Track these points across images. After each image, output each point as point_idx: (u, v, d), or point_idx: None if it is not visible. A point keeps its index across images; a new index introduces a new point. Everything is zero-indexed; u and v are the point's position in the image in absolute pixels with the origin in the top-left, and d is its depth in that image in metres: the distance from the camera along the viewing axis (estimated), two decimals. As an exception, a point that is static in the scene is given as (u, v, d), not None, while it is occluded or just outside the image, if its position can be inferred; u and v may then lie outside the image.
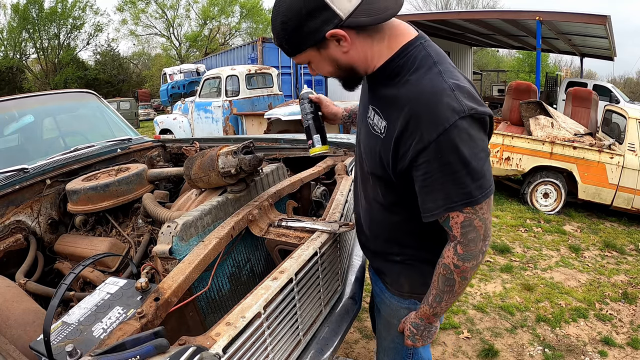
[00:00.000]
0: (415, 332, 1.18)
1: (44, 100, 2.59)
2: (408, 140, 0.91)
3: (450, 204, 0.91)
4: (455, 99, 0.87)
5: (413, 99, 0.90)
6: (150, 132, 11.92)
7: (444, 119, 0.85)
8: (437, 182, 0.90)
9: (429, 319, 1.14)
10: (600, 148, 4.86)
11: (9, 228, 1.69)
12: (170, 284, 1.05)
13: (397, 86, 0.95)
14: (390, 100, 0.97)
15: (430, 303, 1.10)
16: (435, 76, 0.90)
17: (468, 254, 0.96)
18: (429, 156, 0.88)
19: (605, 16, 8.31)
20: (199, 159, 1.51)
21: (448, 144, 0.86)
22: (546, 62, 26.50)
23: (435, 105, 0.87)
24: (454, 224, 0.94)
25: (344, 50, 0.94)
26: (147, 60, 34.19)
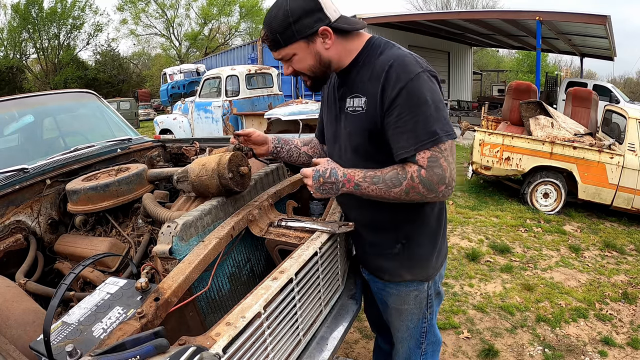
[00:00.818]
0: (322, 179, 1.20)
1: (44, 100, 2.59)
2: (386, 93, 1.11)
3: (419, 143, 1.08)
4: (415, 60, 1.13)
5: (385, 65, 1.12)
6: (150, 132, 11.92)
7: (410, 70, 1.10)
8: (407, 123, 1.09)
9: (348, 181, 1.18)
10: (600, 148, 4.86)
11: (9, 228, 1.69)
12: (170, 284, 1.05)
13: (370, 66, 1.18)
14: (367, 77, 1.18)
15: (365, 175, 1.16)
16: (398, 49, 1.18)
17: (427, 181, 1.08)
18: (401, 99, 1.08)
19: (605, 16, 8.32)
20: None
21: (416, 88, 1.08)
22: (546, 62, 26.50)
23: (403, 63, 1.11)
24: (420, 158, 1.09)
25: (326, 46, 1.17)
26: (147, 60, 34.20)
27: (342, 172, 1.20)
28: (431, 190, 1.09)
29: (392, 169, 1.13)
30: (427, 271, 1.32)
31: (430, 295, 1.36)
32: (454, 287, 3.34)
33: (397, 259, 1.30)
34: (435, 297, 1.39)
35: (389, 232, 1.29)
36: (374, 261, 1.37)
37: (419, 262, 1.30)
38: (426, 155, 1.08)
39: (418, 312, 1.38)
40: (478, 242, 4.28)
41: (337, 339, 1.38)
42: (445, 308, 3.03)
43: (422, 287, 1.33)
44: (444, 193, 1.10)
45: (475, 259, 3.85)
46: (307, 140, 1.66)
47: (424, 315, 1.39)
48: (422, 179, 1.08)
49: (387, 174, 1.13)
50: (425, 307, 1.37)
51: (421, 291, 1.34)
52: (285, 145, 1.60)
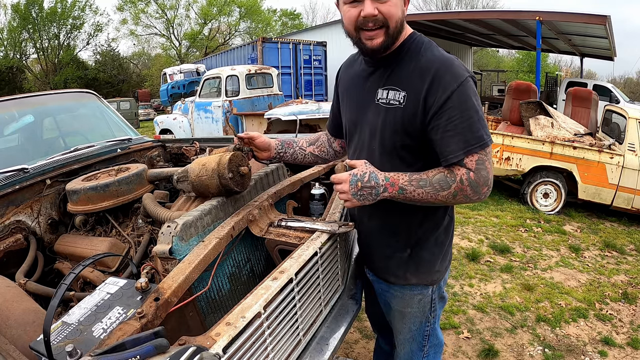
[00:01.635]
0: (360, 184, 1.13)
1: (44, 100, 2.59)
2: (435, 94, 1.09)
3: (469, 147, 1.08)
4: (461, 64, 1.13)
5: (433, 65, 1.11)
6: (150, 132, 11.92)
7: (459, 75, 1.10)
8: (457, 127, 1.08)
9: (392, 185, 1.13)
10: (600, 148, 4.86)
11: (9, 228, 1.69)
12: (170, 284, 1.05)
13: (414, 61, 1.15)
14: (409, 73, 1.15)
15: (410, 178, 1.13)
16: (442, 51, 1.17)
17: (475, 184, 1.10)
18: (451, 103, 1.08)
19: (605, 16, 8.32)
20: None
21: (464, 93, 1.09)
22: (546, 62, 26.50)
23: (452, 66, 1.11)
24: (469, 161, 1.10)
25: (405, 11, 1.15)
26: (147, 60, 34.18)
27: (384, 175, 1.15)
28: (476, 192, 1.10)
29: (438, 172, 1.12)
30: (433, 276, 1.31)
31: (434, 300, 1.36)
32: (454, 287, 3.34)
33: (405, 263, 1.29)
34: (439, 301, 1.39)
35: (401, 236, 1.28)
36: (381, 263, 1.36)
37: (426, 266, 1.30)
38: (474, 158, 1.10)
39: (421, 316, 1.37)
40: (478, 242, 4.28)
41: (337, 339, 1.38)
42: (445, 308, 3.03)
43: (427, 291, 1.33)
44: (486, 194, 1.12)
45: (475, 259, 3.85)
46: (313, 140, 1.60)
47: (427, 319, 1.38)
48: (470, 182, 1.09)
49: (434, 177, 1.12)
50: (428, 311, 1.37)
51: (425, 295, 1.33)
52: (289, 149, 1.55)
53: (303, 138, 1.61)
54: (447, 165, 1.12)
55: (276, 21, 35.99)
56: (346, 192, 1.15)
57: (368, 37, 1.12)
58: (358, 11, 1.09)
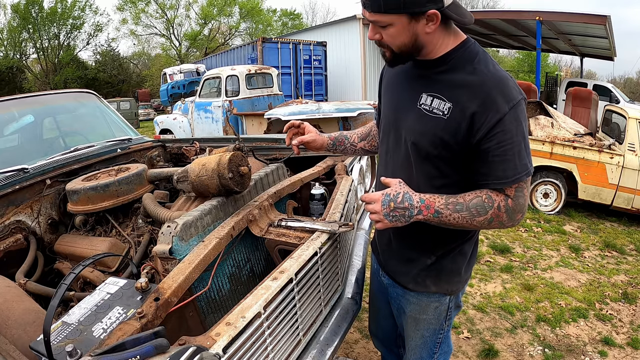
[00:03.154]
0: (393, 204, 1.10)
1: (44, 100, 2.59)
2: (486, 115, 1.03)
3: (517, 175, 1.06)
4: (515, 85, 1.08)
5: (487, 82, 1.05)
6: (150, 132, 11.92)
7: (513, 96, 1.04)
8: (507, 153, 1.04)
9: (427, 208, 1.09)
10: (600, 148, 4.86)
11: (9, 228, 1.69)
12: (170, 284, 1.05)
13: (465, 73, 1.08)
14: (459, 84, 1.08)
15: (447, 202, 1.09)
16: (498, 67, 1.10)
17: (511, 211, 1.08)
18: (504, 126, 1.03)
19: (605, 16, 8.32)
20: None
21: (517, 117, 1.04)
22: (546, 62, 26.48)
23: (506, 86, 1.05)
24: (508, 188, 1.08)
25: (428, 30, 1.05)
26: (147, 60, 34.17)
27: (419, 197, 1.10)
28: (511, 219, 1.09)
29: (475, 196, 1.08)
30: (453, 286, 1.29)
31: (450, 308, 1.33)
32: (454, 287, 3.34)
33: (427, 270, 1.26)
34: (454, 310, 1.36)
35: (426, 242, 1.25)
36: (402, 268, 1.32)
37: (448, 275, 1.27)
38: (514, 186, 1.07)
39: (436, 323, 1.34)
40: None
41: (337, 339, 1.38)
42: (445, 308, 3.03)
43: (444, 300, 1.30)
44: (519, 221, 1.11)
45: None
46: (364, 134, 1.56)
47: (441, 327, 1.35)
48: (507, 209, 1.08)
49: (471, 202, 1.08)
50: (443, 319, 1.34)
51: (442, 303, 1.30)
52: (340, 146, 1.55)
53: (355, 133, 1.57)
54: (486, 189, 1.09)
55: (276, 21, 36.00)
56: (378, 212, 1.11)
57: (382, 51, 1.16)
58: None
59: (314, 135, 1.49)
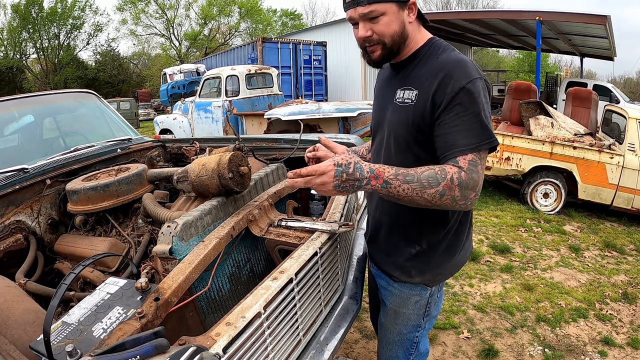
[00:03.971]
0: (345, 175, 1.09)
1: (44, 100, 2.59)
2: (444, 90, 1.10)
3: (476, 143, 1.07)
4: (474, 66, 1.13)
5: (445, 64, 1.13)
6: (150, 132, 11.92)
7: (470, 74, 1.10)
8: (465, 122, 1.08)
9: (376, 178, 1.09)
10: (600, 148, 4.86)
11: (9, 228, 1.69)
12: (170, 284, 1.05)
13: (428, 63, 1.17)
14: (423, 74, 1.17)
15: (397, 172, 1.08)
16: (458, 53, 1.17)
17: (464, 185, 1.05)
18: (460, 99, 1.08)
19: (605, 16, 8.32)
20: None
21: (474, 90, 1.08)
22: (546, 62, 26.49)
23: (464, 66, 1.11)
24: (462, 159, 1.08)
25: (410, 20, 1.16)
26: (147, 60, 34.18)
27: (369, 167, 1.10)
28: (464, 196, 1.06)
29: (428, 169, 1.08)
30: (436, 277, 1.31)
31: (430, 303, 1.35)
32: (454, 287, 3.34)
33: (412, 260, 1.28)
34: (433, 307, 1.37)
35: (414, 234, 1.27)
36: (388, 257, 1.34)
37: (432, 268, 1.29)
38: (468, 158, 1.07)
39: (415, 319, 1.36)
40: (478, 242, 4.28)
41: (337, 339, 1.38)
42: (445, 308, 3.03)
43: (425, 294, 1.32)
44: (472, 201, 1.09)
45: (475, 259, 3.85)
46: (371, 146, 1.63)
47: (419, 324, 1.37)
48: (460, 182, 1.05)
49: (423, 173, 1.07)
50: (422, 315, 1.36)
51: (423, 297, 1.33)
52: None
53: (363, 146, 1.69)
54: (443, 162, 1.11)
55: (276, 21, 36.00)
56: (328, 182, 1.09)
57: (370, 51, 1.20)
58: (357, 32, 1.18)
59: (326, 151, 1.58)
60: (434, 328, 2.77)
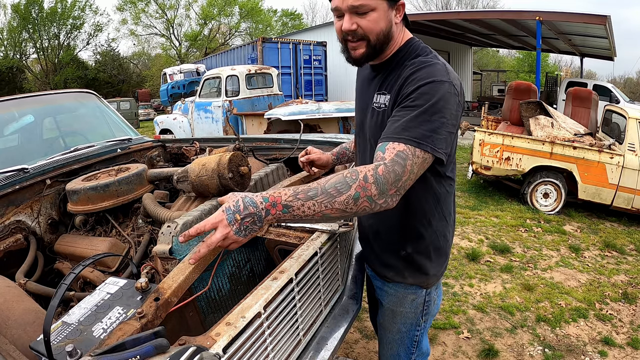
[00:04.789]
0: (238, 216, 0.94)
1: (44, 100, 2.59)
2: (403, 89, 1.07)
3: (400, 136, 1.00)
4: (446, 69, 1.08)
5: (414, 67, 1.09)
6: (150, 132, 11.92)
7: (434, 75, 1.04)
8: (413, 115, 1.01)
9: (273, 205, 0.95)
10: (600, 148, 4.86)
11: (9, 228, 1.69)
12: (170, 284, 1.05)
13: (402, 67, 1.14)
14: (394, 77, 1.15)
15: (295, 192, 0.95)
16: (433, 57, 1.13)
17: (382, 180, 0.94)
18: (414, 95, 1.03)
19: (605, 16, 8.32)
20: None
21: (433, 91, 1.02)
22: (546, 62, 26.49)
23: (431, 69, 1.06)
24: (390, 147, 0.99)
25: (396, 21, 1.13)
26: (147, 60, 34.19)
27: (261, 196, 0.96)
28: (382, 192, 0.94)
29: (335, 176, 0.97)
30: (429, 279, 1.30)
31: (427, 302, 1.34)
32: (454, 287, 3.34)
33: (404, 261, 1.28)
34: (432, 305, 1.37)
35: (395, 238, 1.27)
36: (381, 258, 1.34)
37: (424, 271, 1.28)
38: (398, 147, 0.98)
39: (413, 317, 1.35)
40: (478, 242, 4.28)
41: (337, 339, 1.38)
42: (445, 308, 3.03)
43: (421, 292, 1.32)
44: (393, 199, 0.97)
45: (475, 259, 3.85)
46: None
47: (418, 322, 1.36)
48: (377, 178, 0.94)
49: (328, 182, 0.96)
50: (420, 314, 1.35)
51: (419, 295, 1.32)
52: (344, 158, 1.69)
53: (352, 142, 1.69)
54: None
55: (276, 21, 36.01)
56: (227, 234, 0.94)
57: (352, 47, 1.14)
58: (340, 24, 1.11)
59: (319, 153, 1.67)
60: (434, 328, 2.78)
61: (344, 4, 1.06)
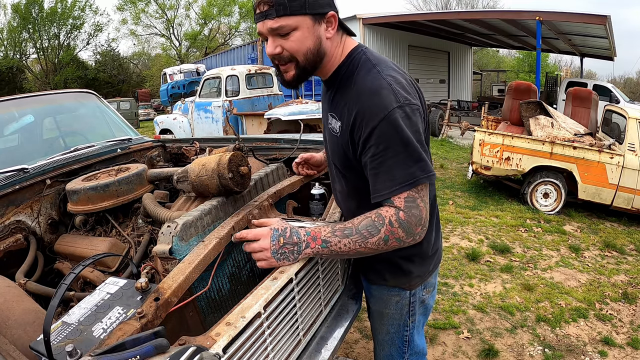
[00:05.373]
0: (282, 240, 1.06)
1: (44, 100, 2.59)
2: (357, 132, 1.04)
3: (395, 186, 1.00)
4: (392, 91, 1.01)
5: (358, 98, 1.04)
6: (150, 132, 11.92)
7: (383, 107, 0.99)
8: (382, 165, 1.01)
9: (313, 239, 1.05)
10: (600, 148, 4.86)
11: (9, 228, 1.69)
12: (170, 284, 1.05)
13: (348, 88, 1.09)
14: (342, 103, 1.10)
15: (334, 229, 1.04)
16: (375, 75, 1.05)
17: (407, 225, 1.01)
18: (374, 140, 1.00)
19: (605, 16, 8.32)
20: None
21: (389, 128, 0.99)
22: (546, 62, 26.49)
23: (376, 98, 1.01)
24: (397, 199, 1.02)
25: (328, 35, 1.06)
26: (147, 60, 34.21)
27: (304, 230, 1.07)
28: (409, 233, 1.02)
29: (364, 218, 1.03)
30: (411, 280, 1.28)
31: (413, 303, 1.32)
32: (454, 287, 3.34)
33: (383, 263, 1.27)
34: (419, 306, 1.34)
35: None
36: (364, 259, 1.31)
37: (406, 273, 1.26)
38: (402, 196, 1.01)
39: (399, 318, 1.34)
40: (478, 242, 4.28)
41: (337, 339, 1.38)
42: (445, 308, 3.03)
43: (404, 294, 1.30)
44: (420, 235, 1.04)
45: (475, 259, 3.85)
46: None
47: (405, 323, 1.35)
48: (401, 223, 1.01)
49: (360, 224, 1.03)
50: (407, 315, 1.33)
51: (402, 297, 1.30)
52: None
53: None
54: (376, 205, 1.05)
55: (276, 21, 35.93)
56: (265, 249, 1.06)
57: (283, 70, 1.09)
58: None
59: (308, 154, 1.71)
60: (434, 328, 2.78)
61: (264, 28, 1.02)
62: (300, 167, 1.76)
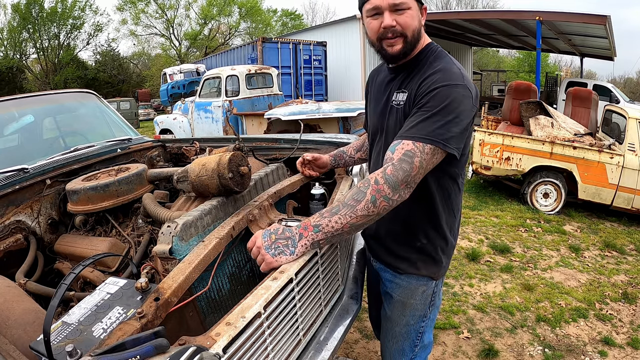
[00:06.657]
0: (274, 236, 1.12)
1: (44, 100, 2.59)
2: (420, 89, 1.14)
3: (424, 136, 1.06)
4: (462, 75, 1.14)
5: (432, 70, 1.16)
6: (150, 132, 11.92)
7: (450, 79, 1.11)
8: (425, 116, 1.08)
9: (305, 228, 1.11)
10: (600, 148, 4.86)
11: (9, 228, 1.69)
12: (170, 284, 1.05)
13: (422, 69, 1.21)
14: (416, 79, 1.20)
15: (321, 213, 1.11)
16: (449, 61, 1.19)
17: (392, 178, 1.05)
18: (430, 97, 1.10)
19: (605, 16, 8.32)
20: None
21: (447, 93, 1.08)
22: (546, 62, 26.49)
23: (448, 73, 1.13)
24: (399, 147, 1.08)
25: (422, 21, 1.22)
26: (147, 60, 34.18)
27: (296, 224, 1.15)
28: (395, 189, 1.05)
29: (351, 190, 1.11)
30: (440, 270, 1.34)
31: (435, 293, 1.38)
32: (454, 287, 3.34)
33: (418, 253, 1.31)
34: (437, 297, 1.41)
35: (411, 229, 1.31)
36: (394, 251, 1.36)
37: (437, 261, 1.32)
38: (406, 147, 1.07)
39: (421, 309, 1.39)
40: (478, 242, 4.28)
41: (337, 339, 1.38)
42: (445, 308, 3.03)
43: (431, 284, 1.35)
44: (405, 193, 1.07)
45: (475, 259, 3.85)
46: (359, 146, 1.74)
47: (425, 314, 1.40)
48: (387, 178, 1.05)
49: (346, 197, 1.08)
50: (428, 305, 1.39)
51: (429, 287, 1.36)
52: (341, 160, 1.75)
53: (351, 147, 1.77)
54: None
55: (276, 21, 36.02)
56: (260, 247, 1.12)
57: (389, 44, 1.20)
58: (379, 23, 1.17)
59: (316, 154, 1.76)
60: (434, 328, 2.77)
61: (384, 2, 1.14)
62: (306, 168, 1.79)
